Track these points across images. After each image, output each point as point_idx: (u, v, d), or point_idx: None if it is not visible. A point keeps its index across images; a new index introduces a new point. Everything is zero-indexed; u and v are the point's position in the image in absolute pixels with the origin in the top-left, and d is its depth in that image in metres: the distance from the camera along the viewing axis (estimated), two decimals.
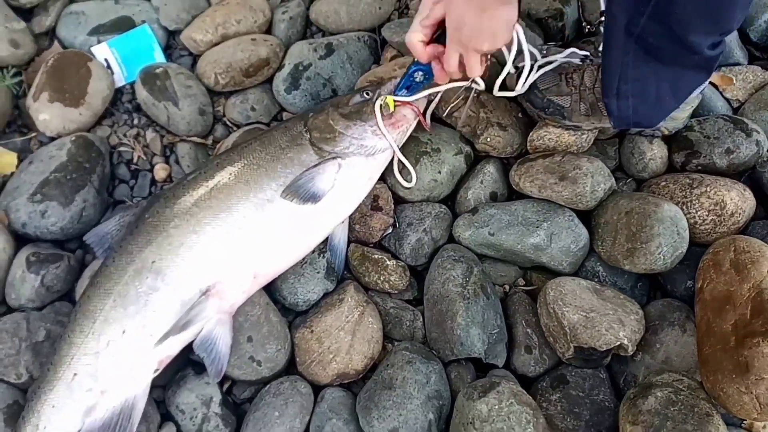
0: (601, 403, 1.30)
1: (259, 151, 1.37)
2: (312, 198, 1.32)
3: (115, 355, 1.24)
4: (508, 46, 1.37)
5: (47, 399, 1.22)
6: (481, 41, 1.18)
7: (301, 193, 1.32)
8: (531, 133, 1.53)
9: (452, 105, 1.53)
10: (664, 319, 1.35)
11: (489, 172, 1.54)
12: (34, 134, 1.60)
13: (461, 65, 1.26)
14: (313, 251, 1.43)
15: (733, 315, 1.21)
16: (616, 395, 1.33)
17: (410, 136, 1.51)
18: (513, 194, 1.57)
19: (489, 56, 1.28)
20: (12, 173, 1.54)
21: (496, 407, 1.18)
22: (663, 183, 1.48)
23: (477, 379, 1.35)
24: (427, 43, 1.29)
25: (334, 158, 1.37)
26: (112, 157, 1.60)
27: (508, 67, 1.41)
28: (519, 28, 1.32)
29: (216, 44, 1.69)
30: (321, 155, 1.37)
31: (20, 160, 1.56)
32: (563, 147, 1.51)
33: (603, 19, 1.60)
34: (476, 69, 1.25)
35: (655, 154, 1.52)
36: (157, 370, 1.29)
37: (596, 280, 1.44)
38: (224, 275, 1.29)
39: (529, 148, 1.55)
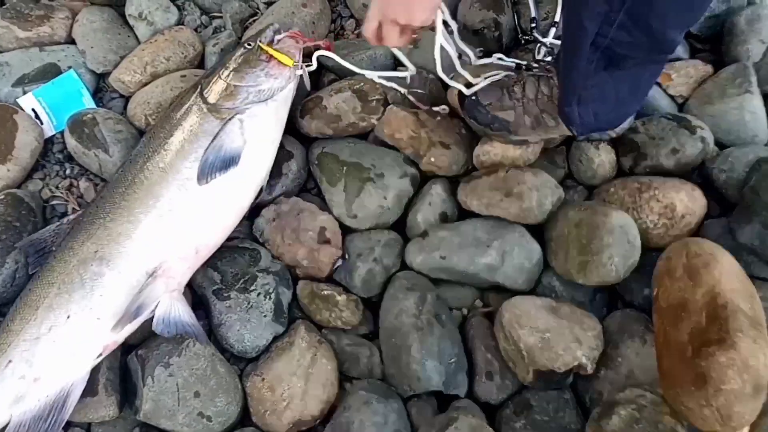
0: (567, 426, 1.23)
1: (163, 134, 1.36)
2: (230, 163, 1.32)
3: (57, 340, 1.22)
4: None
5: None
6: (396, 11, 1.13)
7: (217, 165, 1.31)
8: (476, 149, 1.45)
9: None
10: (623, 332, 1.28)
11: (436, 192, 1.45)
12: None
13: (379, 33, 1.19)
14: (258, 294, 1.34)
15: (689, 323, 1.13)
16: (584, 414, 1.25)
17: (352, 163, 1.44)
18: (464, 213, 1.48)
19: (413, 32, 1.21)
20: None
21: None
22: (612, 189, 1.41)
23: (439, 412, 1.27)
24: None
25: (231, 118, 1.35)
26: (45, 211, 1.50)
27: (437, 50, 1.35)
28: (444, 10, 1.29)
29: (146, 84, 1.60)
30: (220, 117, 1.36)
31: None
32: (510, 161, 1.43)
33: (554, 28, 1.53)
34: (391, 39, 1.18)
35: (602, 159, 1.44)
36: (100, 355, 1.25)
37: (554, 295, 1.36)
38: (167, 255, 1.28)
39: (475, 164, 1.47)
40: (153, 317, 1.23)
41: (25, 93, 1.60)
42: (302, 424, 1.27)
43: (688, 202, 1.32)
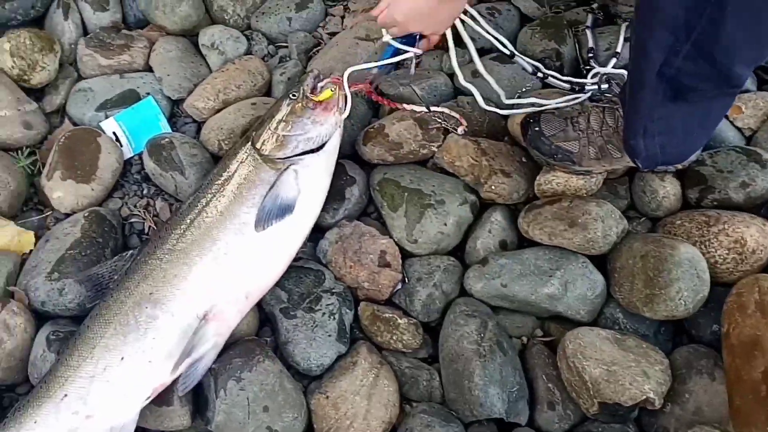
0: None
1: (221, 182, 1.39)
2: (286, 211, 1.35)
3: (110, 381, 1.23)
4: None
5: (31, 414, 1.21)
6: (425, 27, 1.30)
7: (274, 213, 1.34)
8: (538, 177, 1.44)
9: None
10: (691, 367, 1.24)
11: (496, 220, 1.45)
12: (49, 212, 1.56)
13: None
14: (323, 314, 1.35)
15: (763, 361, 1.09)
16: None
17: (413, 189, 1.46)
18: (524, 241, 1.47)
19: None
20: (30, 251, 1.50)
21: None
22: (678, 222, 1.38)
23: None
24: None
25: (287, 168, 1.38)
26: (124, 228, 1.55)
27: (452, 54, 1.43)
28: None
29: (218, 110, 1.65)
30: (275, 168, 1.38)
31: (38, 238, 1.52)
32: (572, 191, 1.41)
33: (615, 59, 1.52)
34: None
35: (668, 191, 1.41)
36: (149, 397, 1.25)
37: (617, 327, 1.33)
38: (219, 299, 1.29)
39: (537, 192, 1.46)
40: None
41: (107, 117, 1.67)
42: None
43: (759, 237, 1.28)
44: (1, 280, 1.42)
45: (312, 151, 1.41)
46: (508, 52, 1.58)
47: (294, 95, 1.46)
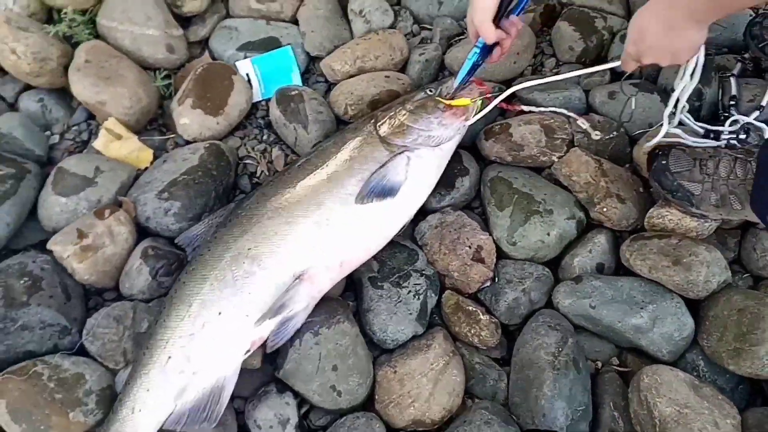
0: None
1: (335, 151, 1.50)
2: (388, 193, 1.44)
3: (210, 337, 1.33)
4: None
5: (142, 383, 1.30)
6: (661, 57, 1.26)
7: (377, 191, 1.43)
8: (651, 210, 1.51)
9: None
10: (761, 429, 1.29)
11: (599, 242, 1.53)
12: (172, 135, 1.74)
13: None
14: (409, 291, 1.47)
15: None
16: None
17: (524, 192, 1.56)
18: (620, 269, 1.55)
19: None
20: (146, 168, 1.68)
21: None
22: None
23: None
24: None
25: (401, 152, 1.47)
26: (238, 167, 1.72)
27: (683, 85, 1.44)
28: (702, 52, 1.37)
29: (352, 76, 1.78)
30: (391, 150, 1.48)
31: (155, 157, 1.70)
32: (683, 230, 1.48)
33: (759, 111, 1.56)
34: (630, 68, 1.37)
35: None
36: (248, 351, 1.37)
37: (695, 374, 1.40)
38: (315, 262, 1.39)
39: (646, 224, 1.53)
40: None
41: (245, 58, 1.84)
42: (420, 425, 1.38)
43: None
44: (114, 187, 1.60)
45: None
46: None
47: (431, 91, 1.58)
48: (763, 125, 1.56)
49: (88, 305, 1.53)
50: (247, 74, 1.82)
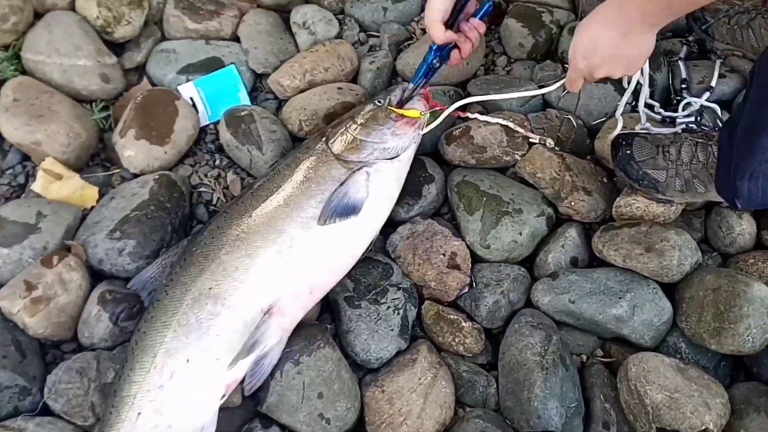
0: None
1: (289, 173, 1.46)
2: (351, 211, 1.41)
3: (180, 387, 1.28)
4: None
5: None
6: (616, 68, 1.22)
7: (339, 211, 1.40)
8: (618, 200, 1.55)
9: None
10: (749, 404, 1.34)
11: (571, 236, 1.56)
12: (117, 170, 1.68)
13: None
14: (388, 307, 1.46)
15: None
16: None
17: (492, 194, 1.57)
18: (593, 261, 1.58)
19: None
20: (92, 207, 1.61)
21: None
22: (752, 260, 1.49)
23: None
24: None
25: (360, 168, 1.46)
26: (192, 197, 1.67)
27: (627, 97, 1.49)
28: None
29: (302, 90, 1.76)
30: (348, 167, 1.46)
31: (101, 195, 1.64)
32: (651, 217, 1.52)
33: (708, 93, 1.62)
34: (577, 87, 1.32)
35: (744, 229, 1.53)
36: (224, 395, 1.33)
37: (678, 356, 1.44)
38: (282, 293, 1.35)
39: (614, 214, 1.57)
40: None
41: (188, 81, 1.79)
42: None
43: None
44: (60, 231, 1.52)
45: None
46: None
47: (379, 102, 1.56)
48: (715, 105, 1.63)
49: (45, 360, 1.45)
50: (191, 98, 1.78)
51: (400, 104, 1.56)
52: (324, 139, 1.51)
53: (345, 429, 1.38)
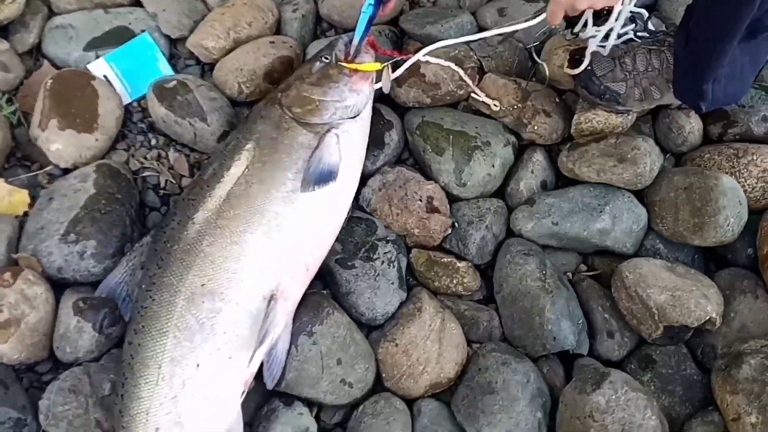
0: (690, 377, 1.41)
1: (253, 148, 1.38)
2: (329, 177, 1.36)
3: (196, 393, 1.21)
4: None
5: None
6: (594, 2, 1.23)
7: (317, 178, 1.35)
8: (577, 116, 1.61)
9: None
10: (734, 289, 1.47)
11: (538, 160, 1.61)
12: (48, 167, 1.52)
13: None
14: (383, 262, 1.45)
15: None
16: (697, 367, 1.44)
17: (457, 131, 1.58)
18: (559, 181, 1.64)
19: None
20: (25, 213, 1.46)
21: (614, 397, 1.26)
22: (707, 155, 1.60)
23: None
24: None
25: (328, 131, 1.40)
26: (136, 183, 1.54)
27: (614, 25, 1.49)
28: None
29: (230, 50, 1.66)
30: (314, 131, 1.40)
31: (32, 198, 1.48)
32: (610, 129, 1.59)
33: None
34: (557, 19, 1.30)
35: (693, 127, 1.63)
36: (243, 392, 1.28)
37: (658, 257, 1.54)
38: (281, 276, 1.30)
39: (573, 132, 1.62)
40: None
41: (98, 57, 1.63)
42: (438, 387, 1.40)
43: None
44: (1, 246, 1.38)
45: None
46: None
47: (326, 59, 1.49)
48: (642, 10, 1.71)
49: (22, 384, 1.34)
50: (105, 75, 1.62)
51: (348, 58, 1.50)
52: (278, 104, 1.43)
53: (366, 389, 1.39)
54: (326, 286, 1.48)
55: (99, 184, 1.44)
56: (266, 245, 1.30)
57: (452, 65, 1.61)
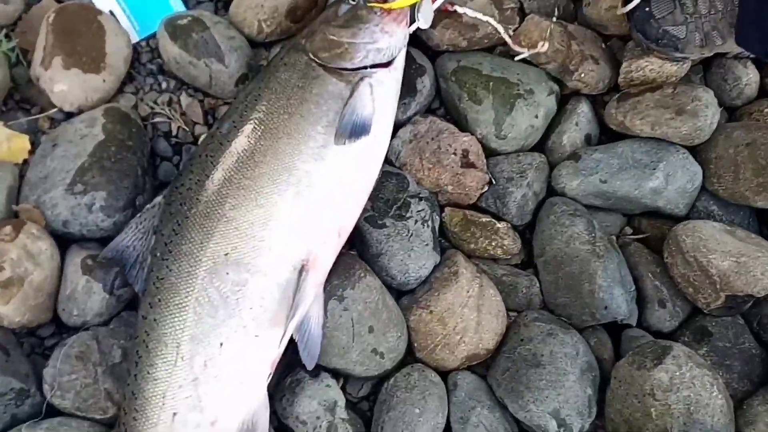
0: (749, 351, 1.31)
1: (278, 99, 1.24)
2: (364, 129, 1.23)
3: (218, 375, 1.11)
4: None
5: None
6: None
7: (351, 131, 1.21)
8: (627, 64, 1.47)
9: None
10: None
11: (583, 111, 1.48)
12: (52, 110, 1.39)
13: None
14: (416, 221, 1.33)
15: None
16: (756, 341, 1.34)
17: (498, 78, 1.45)
18: (603, 135, 1.52)
19: None
20: (26, 160, 1.35)
21: (678, 374, 1.16)
22: (767, 110, 1.48)
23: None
24: None
25: (361, 79, 1.27)
26: (146, 130, 1.42)
27: None
28: None
29: None
30: (345, 79, 1.27)
31: (34, 144, 1.36)
32: (664, 78, 1.46)
33: None
34: None
35: (750, 78, 1.51)
36: (270, 374, 1.17)
37: (711, 219, 1.43)
38: (312, 243, 1.18)
39: (621, 81, 1.49)
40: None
41: None
42: (475, 358, 1.30)
43: None
44: (1, 196, 1.27)
45: (383, 66, 1.31)
46: None
47: (353, 0, 1.35)
48: None
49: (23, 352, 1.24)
50: (111, 11, 1.48)
51: None
52: (302, 50, 1.29)
53: (397, 360, 1.30)
54: (352, 247, 1.36)
55: (108, 129, 1.31)
56: (296, 208, 1.18)
57: (491, 21, 1.45)
